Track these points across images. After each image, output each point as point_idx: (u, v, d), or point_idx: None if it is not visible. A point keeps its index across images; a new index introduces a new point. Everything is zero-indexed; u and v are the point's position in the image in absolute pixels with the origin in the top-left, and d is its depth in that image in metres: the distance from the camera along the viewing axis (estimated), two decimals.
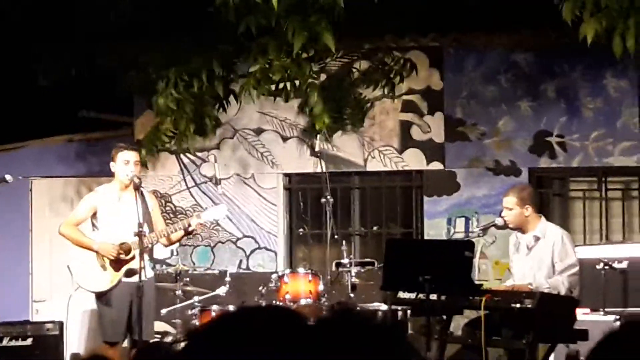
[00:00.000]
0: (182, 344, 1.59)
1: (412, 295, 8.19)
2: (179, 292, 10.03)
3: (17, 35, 11.21)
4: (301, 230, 12.00)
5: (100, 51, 11.31)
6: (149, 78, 11.14)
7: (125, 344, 9.04)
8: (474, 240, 8.67)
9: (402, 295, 8.35)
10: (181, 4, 10.71)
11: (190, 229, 8.84)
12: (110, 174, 9.05)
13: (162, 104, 10.84)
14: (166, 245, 9.27)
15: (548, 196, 11.75)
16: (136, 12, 10.60)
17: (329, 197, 10.38)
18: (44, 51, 11.34)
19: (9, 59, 11.45)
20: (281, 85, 10.51)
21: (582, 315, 8.69)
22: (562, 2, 8.47)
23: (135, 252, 8.59)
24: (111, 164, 8.88)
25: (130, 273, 8.67)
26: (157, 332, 9.68)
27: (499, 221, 8.61)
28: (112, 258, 8.69)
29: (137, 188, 8.65)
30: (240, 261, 11.99)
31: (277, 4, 8.64)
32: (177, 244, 9.61)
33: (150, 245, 8.83)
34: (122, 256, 8.70)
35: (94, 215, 8.87)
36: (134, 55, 11.25)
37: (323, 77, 11.54)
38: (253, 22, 9.34)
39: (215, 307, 9.59)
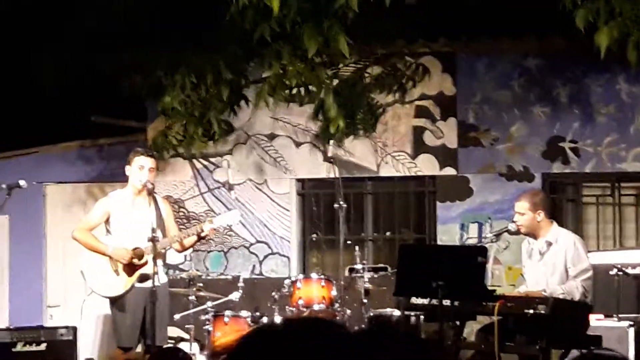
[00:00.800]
0: None
1: (425, 301, 8.18)
2: (192, 298, 10.04)
3: (23, 40, 11.26)
4: (314, 235, 12.01)
5: (107, 55, 11.35)
6: (156, 81, 11.17)
7: (139, 349, 9.05)
8: (487, 245, 8.64)
9: (415, 300, 8.34)
10: (184, 8, 10.75)
11: (203, 234, 8.85)
12: (124, 179, 9.08)
13: (167, 104, 10.87)
14: (179, 251, 9.28)
15: (561, 202, 11.73)
16: (140, 17, 10.63)
17: (341, 202, 10.38)
18: (48, 56, 11.39)
19: (19, 65, 11.51)
20: (294, 90, 10.54)
21: (596, 321, 8.68)
22: (575, 9, 8.47)
23: (149, 257, 8.60)
24: (127, 167, 8.89)
25: (143, 278, 8.68)
26: (171, 338, 9.69)
27: (512, 227, 8.59)
28: (125, 262, 8.71)
29: (150, 193, 8.68)
30: (254, 266, 12.00)
31: (277, 9, 8.62)
32: (190, 249, 9.63)
33: (163, 251, 8.85)
34: (135, 261, 8.71)
35: (107, 220, 8.88)
36: (141, 59, 11.28)
37: (336, 82, 11.55)
38: (267, 30, 9.35)
39: (228, 312, 9.60)
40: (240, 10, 9.07)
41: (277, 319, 9.49)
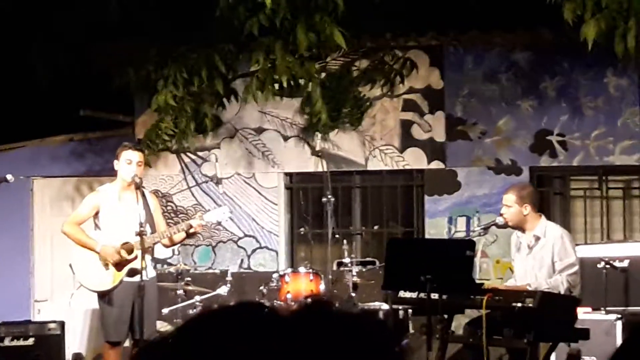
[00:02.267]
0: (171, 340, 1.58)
1: (414, 295, 8.19)
2: (180, 292, 10.04)
3: (14, 32, 11.22)
4: (302, 229, 12.01)
5: (96, 49, 11.32)
6: (147, 75, 11.16)
7: (127, 343, 9.04)
8: (475, 239, 8.65)
9: (403, 294, 8.36)
10: (173, 2, 10.73)
11: (191, 230, 8.84)
12: (112, 173, 9.06)
13: (161, 101, 10.86)
14: (167, 246, 9.26)
15: (549, 195, 11.75)
16: (131, 10, 10.62)
17: (330, 196, 10.38)
18: (39, 48, 11.36)
19: (8, 58, 11.47)
20: (284, 83, 10.53)
21: (583, 314, 8.70)
22: (562, 2, 8.49)
23: (138, 251, 8.59)
24: (115, 162, 8.87)
25: (132, 272, 8.66)
26: (159, 332, 9.68)
27: (499, 220, 8.60)
28: (114, 262, 8.69)
29: (138, 188, 8.66)
30: (242, 260, 12.00)
31: (270, 2, 8.64)
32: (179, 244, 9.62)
33: (152, 245, 8.84)
34: (125, 255, 8.70)
35: (96, 214, 8.86)
36: (130, 53, 11.27)
37: (323, 75, 11.55)
38: (256, 26, 9.34)
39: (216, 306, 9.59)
40: (230, 4, 9.09)
41: None
